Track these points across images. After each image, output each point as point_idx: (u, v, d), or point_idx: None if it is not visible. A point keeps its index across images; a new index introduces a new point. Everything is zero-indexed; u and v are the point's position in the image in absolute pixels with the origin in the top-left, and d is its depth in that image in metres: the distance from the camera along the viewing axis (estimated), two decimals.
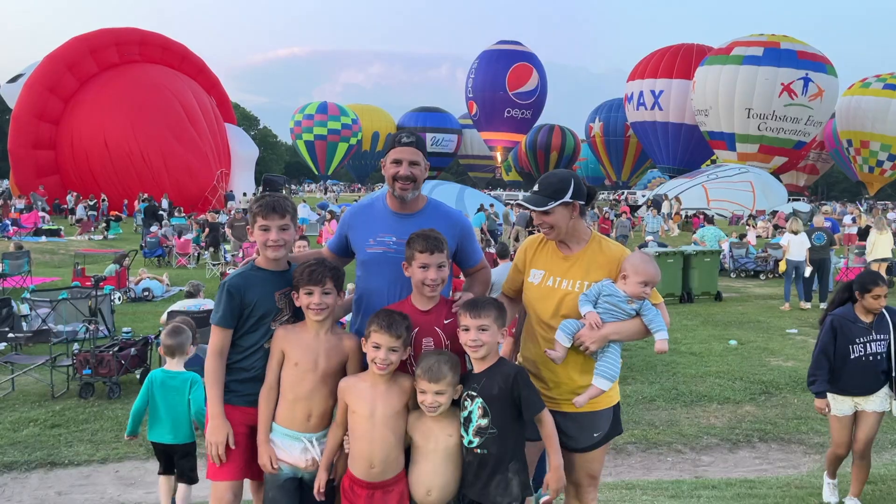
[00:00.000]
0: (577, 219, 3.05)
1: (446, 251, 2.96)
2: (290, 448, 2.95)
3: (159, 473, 4.64)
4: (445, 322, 2.96)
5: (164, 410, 4.41)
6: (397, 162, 3.13)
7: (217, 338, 2.99)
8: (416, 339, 2.95)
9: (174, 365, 4.61)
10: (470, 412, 2.76)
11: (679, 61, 44.82)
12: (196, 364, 4.56)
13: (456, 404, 2.84)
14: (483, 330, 2.75)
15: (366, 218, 3.29)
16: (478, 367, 2.81)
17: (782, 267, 13.82)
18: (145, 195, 29.92)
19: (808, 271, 13.11)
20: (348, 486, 2.86)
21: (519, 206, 38.62)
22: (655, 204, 27.27)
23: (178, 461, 4.54)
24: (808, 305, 13.14)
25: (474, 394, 2.77)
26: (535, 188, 3.06)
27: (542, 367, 3.08)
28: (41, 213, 28.25)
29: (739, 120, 39.45)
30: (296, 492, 3.02)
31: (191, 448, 4.54)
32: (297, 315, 3.07)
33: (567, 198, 2.99)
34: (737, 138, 40.09)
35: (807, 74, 38.11)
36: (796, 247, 13.19)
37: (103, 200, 30.40)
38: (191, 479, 4.56)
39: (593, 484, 3.20)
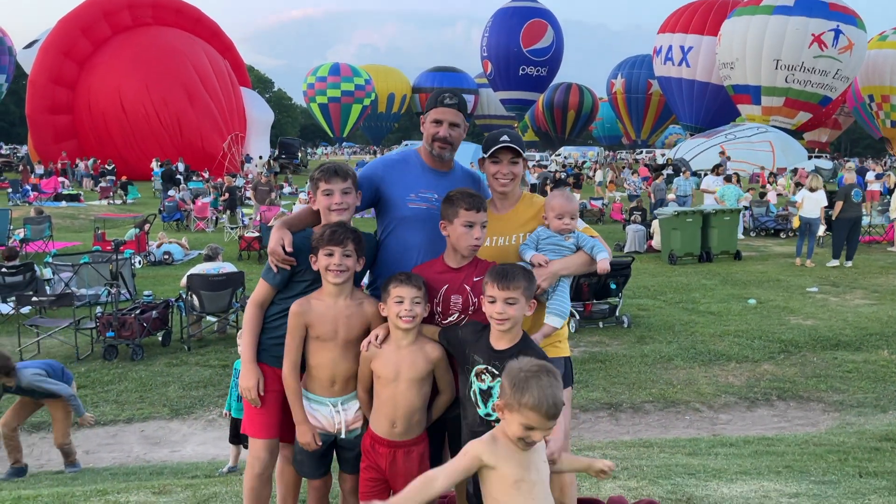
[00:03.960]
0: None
1: (484, 211, 2.92)
2: (317, 413, 2.95)
3: (233, 442, 5.24)
4: (475, 280, 2.91)
5: None
6: (437, 122, 3.08)
7: (262, 290, 3.00)
8: (444, 295, 2.92)
9: None
10: (490, 388, 2.70)
11: (712, 17, 43.48)
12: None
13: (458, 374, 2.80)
14: (510, 303, 2.63)
15: (403, 173, 3.17)
16: (500, 344, 2.70)
17: (796, 223, 13.63)
18: (160, 161, 30.05)
19: (821, 229, 12.84)
20: (370, 444, 2.87)
21: (537, 164, 38.41)
22: (675, 169, 27.29)
23: None
24: (835, 263, 12.87)
25: (497, 372, 2.66)
26: (507, 138, 3.11)
27: None
28: (60, 178, 28.50)
29: (767, 71, 38.42)
30: (324, 456, 3.03)
31: None
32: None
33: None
34: (763, 91, 39.10)
35: (838, 26, 36.98)
36: (811, 203, 12.96)
37: (109, 164, 30.51)
38: None
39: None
